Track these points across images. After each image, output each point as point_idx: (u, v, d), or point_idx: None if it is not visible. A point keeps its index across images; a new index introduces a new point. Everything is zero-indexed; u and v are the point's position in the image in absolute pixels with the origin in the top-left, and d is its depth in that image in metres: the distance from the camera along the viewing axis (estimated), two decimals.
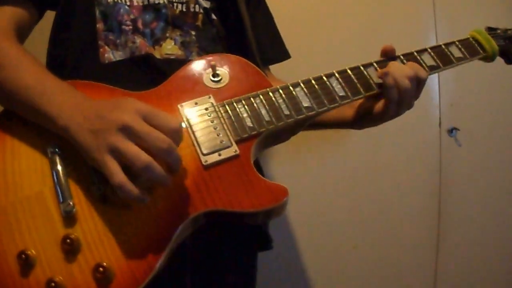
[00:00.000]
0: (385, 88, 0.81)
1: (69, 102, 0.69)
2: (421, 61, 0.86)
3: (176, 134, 0.65)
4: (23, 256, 0.64)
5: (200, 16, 0.91)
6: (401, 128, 1.61)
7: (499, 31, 0.95)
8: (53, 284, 0.63)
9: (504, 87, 1.64)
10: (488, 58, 0.92)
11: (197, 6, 0.91)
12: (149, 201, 0.67)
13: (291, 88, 0.79)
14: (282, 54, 1.08)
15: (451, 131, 1.63)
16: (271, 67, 1.09)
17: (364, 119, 0.89)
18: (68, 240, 0.65)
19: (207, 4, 0.92)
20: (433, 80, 1.64)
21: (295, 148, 1.58)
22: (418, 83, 0.82)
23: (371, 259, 1.63)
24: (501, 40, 0.93)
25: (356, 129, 0.94)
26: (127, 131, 0.62)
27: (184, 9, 0.90)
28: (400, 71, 0.80)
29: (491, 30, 0.95)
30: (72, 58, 0.84)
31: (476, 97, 1.65)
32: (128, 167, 0.63)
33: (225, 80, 0.80)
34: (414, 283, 1.65)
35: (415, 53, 0.86)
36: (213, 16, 0.93)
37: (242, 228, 0.88)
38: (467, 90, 1.65)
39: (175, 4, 0.89)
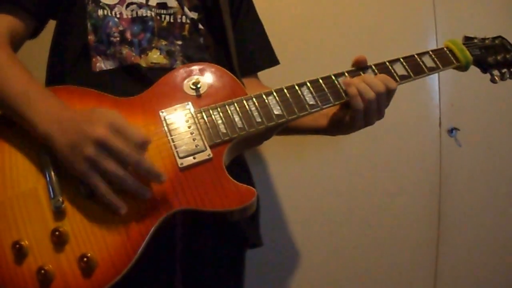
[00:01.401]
0: (349, 97, 0.85)
1: (50, 111, 0.76)
2: (393, 71, 0.89)
3: (144, 145, 0.73)
4: (17, 246, 0.72)
5: (187, 26, 0.97)
6: (401, 128, 1.61)
7: (476, 40, 0.97)
8: (43, 271, 0.70)
9: (504, 87, 1.61)
10: (462, 68, 0.94)
11: (184, 17, 0.97)
12: (129, 198, 0.75)
13: (264, 96, 0.85)
14: (270, 61, 1.12)
15: (451, 131, 1.64)
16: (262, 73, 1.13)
17: (336, 127, 0.94)
18: (57, 233, 0.73)
19: (194, 15, 0.98)
20: (433, 80, 1.64)
21: (295, 148, 1.61)
22: (388, 94, 0.86)
23: (370, 259, 1.64)
24: (477, 49, 0.95)
25: (329, 135, 0.98)
26: (101, 145, 0.71)
27: (171, 20, 0.96)
28: (365, 82, 0.84)
29: (467, 39, 0.97)
30: (68, 66, 0.92)
31: (476, 97, 1.65)
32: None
33: (204, 88, 0.86)
34: (414, 283, 1.66)
35: (387, 63, 0.90)
36: (200, 26, 0.99)
37: (224, 226, 0.94)
38: (467, 90, 1.64)
39: (163, 16, 0.95)
